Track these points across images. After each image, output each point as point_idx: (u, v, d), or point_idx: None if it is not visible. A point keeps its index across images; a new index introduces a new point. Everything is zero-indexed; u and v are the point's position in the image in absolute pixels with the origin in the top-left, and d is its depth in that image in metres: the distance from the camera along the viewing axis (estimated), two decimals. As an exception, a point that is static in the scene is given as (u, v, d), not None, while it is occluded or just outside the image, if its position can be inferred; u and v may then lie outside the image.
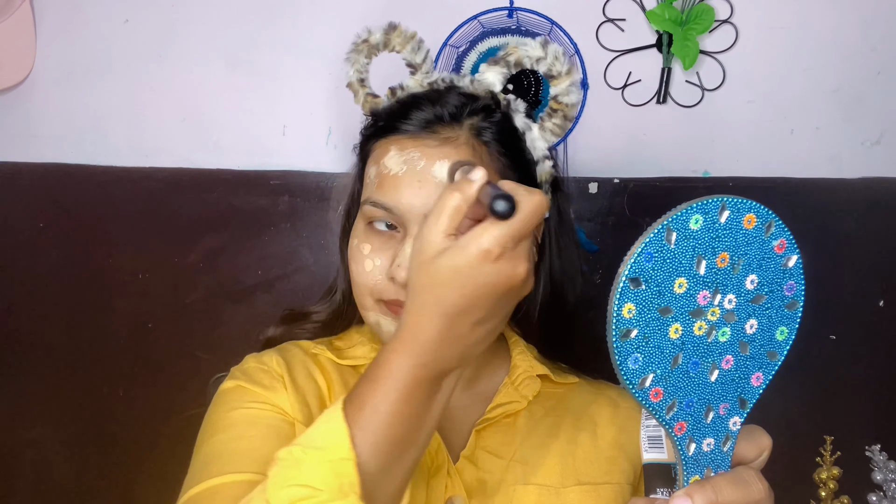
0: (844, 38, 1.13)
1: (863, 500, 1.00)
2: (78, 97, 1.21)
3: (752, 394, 0.56)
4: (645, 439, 0.59)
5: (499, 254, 0.52)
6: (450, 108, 0.74)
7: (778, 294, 0.54)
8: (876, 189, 1.14)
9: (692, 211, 0.50)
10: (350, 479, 0.53)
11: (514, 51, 0.75)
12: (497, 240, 0.52)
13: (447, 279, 0.53)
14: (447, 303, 0.54)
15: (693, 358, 0.53)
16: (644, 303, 0.50)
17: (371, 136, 0.79)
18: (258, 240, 1.20)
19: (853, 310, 1.13)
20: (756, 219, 0.52)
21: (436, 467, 0.73)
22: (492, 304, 0.54)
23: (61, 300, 1.23)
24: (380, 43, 0.81)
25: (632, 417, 0.83)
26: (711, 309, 0.52)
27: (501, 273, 0.53)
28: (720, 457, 0.56)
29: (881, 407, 1.16)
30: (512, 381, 0.81)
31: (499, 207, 0.51)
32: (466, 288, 0.53)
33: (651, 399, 0.52)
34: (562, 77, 0.74)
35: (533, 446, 0.78)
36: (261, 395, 0.73)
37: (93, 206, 1.21)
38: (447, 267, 0.53)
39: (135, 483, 1.20)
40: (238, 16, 1.18)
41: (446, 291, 0.53)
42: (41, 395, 1.23)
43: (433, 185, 0.71)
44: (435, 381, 0.56)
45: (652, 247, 0.49)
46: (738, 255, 0.52)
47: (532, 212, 0.52)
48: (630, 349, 0.50)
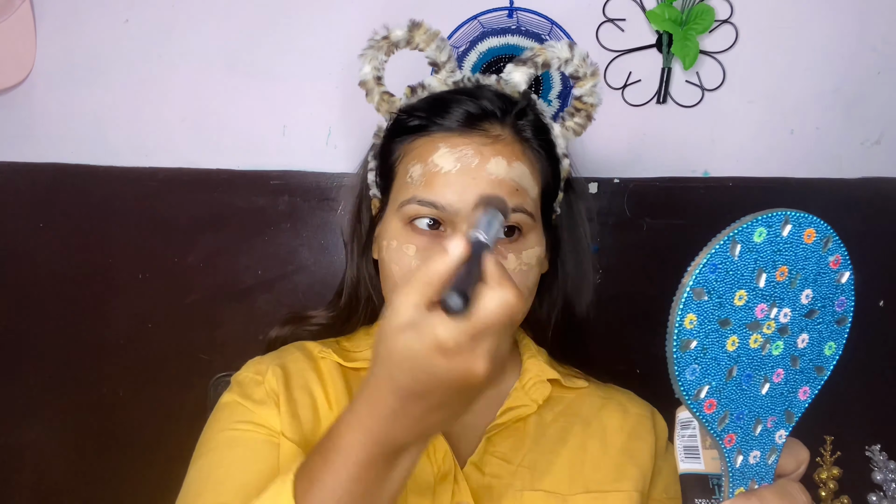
0: (844, 38, 1.13)
1: (863, 500, 1.00)
2: (78, 97, 1.21)
3: (798, 407, 0.56)
4: (681, 449, 0.58)
5: (453, 349, 0.46)
6: (492, 106, 0.75)
7: (829, 309, 0.54)
8: (876, 189, 1.14)
9: (757, 224, 0.49)
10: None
11: (541, 52, 0.76)
12: (451, 334, 0.46)
13: (401, 360, 0.48)
14: (400, 384, 0.49)
15: (747, 370, 0.53)
16: (705, 314, 0.50)
17: (403, 133, 0.77)
18: (258, 240, 1.20)
19: (853, 310, 1.13)
20: (815, 234, 0.52)
21: (442, 473, 0.73)
22: (447, 396, 0.49)
23: (61, 300, 1.23)
24: (401, 40, 0.79)
25: (641, 424, 0.82)
26: (768, 322, 0.52)
27: (453, 371, 0.47)
28: (765, 469, 0.56)
29: (881, 407, 1.16)
30: (522, 385, 0.80)
31: (449, 303, 0.45)
32: (419, 374, 0.48)
33: (705, 411, 0.52)
34: (587, 78, 0.77)
35: (542, 451, 0.77)
36: (250, 412, 0.73)
37: (93, 206, 1.21)
38: (403, 348, 0.48)
39: (135, 483, 1.20)
40: (238, 16, 1.18)
41: (399, 372, 0.49)
42: (41, 395, 1.23)
43: (487, 182, 0.71)
44: (389, 458, 0.53)
45: (717, 258, 0.49)
46: (796, 270, 0.52)
47: (495, 311, 0.46)
48: (689, 360, 0.50)
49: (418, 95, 0.79)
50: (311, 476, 0.54)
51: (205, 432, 0.75)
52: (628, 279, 1.17)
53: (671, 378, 0.50)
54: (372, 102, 0.81)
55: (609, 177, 1.16)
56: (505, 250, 0.73)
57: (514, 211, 0.73)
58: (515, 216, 0.73)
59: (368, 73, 0.80)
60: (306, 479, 0.54)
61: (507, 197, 0.72)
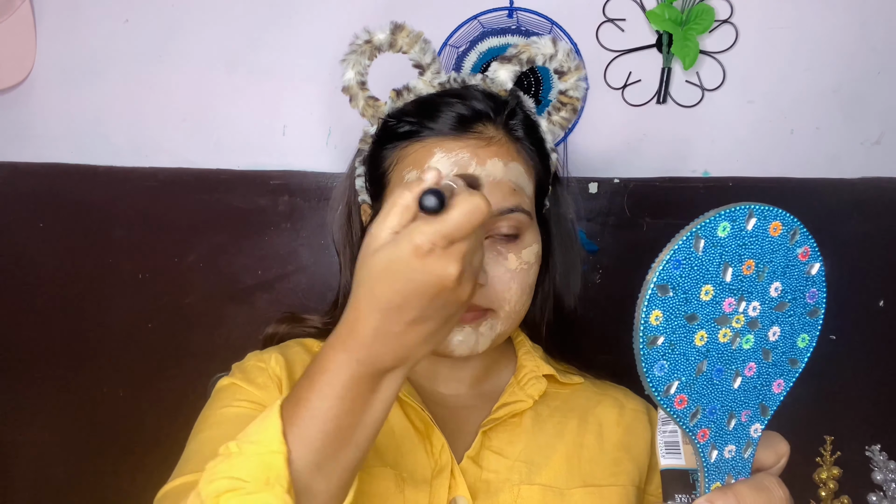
0: (844, 38, 1.13)
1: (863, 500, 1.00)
2: (78, 97, 1.21)
3: (773, 401, 0.56)
4: (662, 445, 0.58)
5: (428, 250, 0.50)
6: (483, 107, 0.75)
7: (801, 301, 0.54)
8: (876, 189, 1.14)
9: (720, 218, 0.49)
10: (278, 471, 0.53)
11: (525, 48, 0.76)
12: (426, 235, 0.50)
13: (380, 273, 0.51)
14: (380, 298, 0.52)
15: (717, 365, 0.53)
16: (671, 310, 0.50)
17: (395, 139, 0.77)
18: (258, 240, 1.20)
19: (853, 310, 1.13)
20: (782, 226, 0.52)
21: (439, 468, 0.73)
22: (424, 303, 0.52)
23: (61, 300, 1.23)
24: (384, 43, 0.78)
25: (637, 419, 0.83)
26: (736, 316, 0.52)
27: (428, 271, 0.50)
28: (741, 463, 0.56)
29: (881, 407, 1.16)
30: (518, 381, 0.81)
31: (424, 202, 0.49)
32: (397, 283, 0.51)
33: (676, 406, 0.52)
34: (571, 72, 0.78)
35: (538, 446, 0.78)
36: (252, 393, 0.73)
37: (93, 206, 1.21)
38: (382, 260, 0.51)
39: (135, 483, 1.20)
40: (238, 16, 1.18)
41: (379, 286, 0.52)
42: (41, 395, 1.23)
43: (485, 184, 0.70)
44: (372, 379, 0.55)
45: (680, 254, 0.49)
46: (763, 263, 0.52)
47: (467, 211, 0.50)
48: (656, 356, 0.50)
49: (404, 98, 0.79)
50: (297, 399, 0.55)
51: (204, 411, 0.75)
52: (628, 279, 1.16)
53: (640, 374, 0.50)
54: (356, 108, 0.80)
55: (609, 177, 1.16)
56: (505, 251, 0.74)
57: (513, 211, 0.73)
58: (515, 217, 0.73)
59: (352, 78, 0.79)
60: (293, 402, 0.56)
61: (506, 198, 0.72)
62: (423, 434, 0.75)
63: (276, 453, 0.53)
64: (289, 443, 0.54)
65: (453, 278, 0.51)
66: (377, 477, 0.71)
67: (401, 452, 0.74)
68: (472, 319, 0.73)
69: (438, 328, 0.54)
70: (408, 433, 0.75)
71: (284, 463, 0.53)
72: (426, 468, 0.73)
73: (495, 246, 0.74)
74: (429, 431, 0.75)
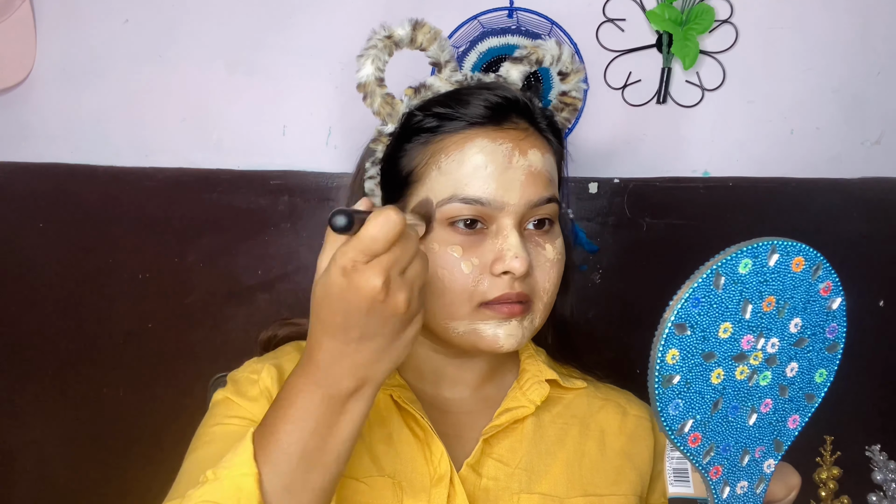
0: (844, 38, 1.13)
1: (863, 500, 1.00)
2: (78, 97, 1.21)
3: (788, 436, 0.55)
4: (671, 472, 0.58)
5: (352, 268, 0.53)
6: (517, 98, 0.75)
7: (820, 337, 0.53)
8: (876, 189, 1.14)
9: (742, 255, 0.48)
10: (248, 492, 0.56)
11: (535, 50, 0.77)
12: (345, 254, 0.53)
13: (322, 299, 0.55)
14: (326, 322, 0.56)
15: (733, 402, 0.51)
16: (688, 349, 0.48)
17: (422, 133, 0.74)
18: (258, 240, 1.20)
19: (853, 310, 1.13)
20: (804, 262, 0.50)
21: (438, 476, 0.72)
22: (362, 319, 0.54)
23: (61, 300, 1.22)
24: (404, 39, 0.75)
25: (640, 426, 0.82)
26: (754, 353, 0.51)
27: (354, 287, 0.53)
28: (753, 499, 0.55)
29: (881, 407, 1.16)
30: (520, 386, 0.80)
31: (333, 222, 0.51)
32: (334, 304, 0.54)
33: (689, 444, 0.51)
34: (573, 74, 0.79)
35: (539, 454, 0.77)
36: (243, 409, 0.74)
37: (92, 206, 1.21)
38: (321, 287, 0.55)
39: (135, 483, 1.20)
40: (238, 16, 1.18)
41: (323, 311, 0.55)
42: (41, 395, 1.23)
43: (527, 174, 0.71)
44: (334, 402, 0.57)
45: (699, 292, 0.47)
46: (784, 299, 0.50)
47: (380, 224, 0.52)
48: (671, 395, 0.49)
49: (421, 96, 0.76)
50: (266, 424, 0.59)
51: (200, 427, 0.75)
52: (628, 279, 1.17)
53: (653, 413, 0.49)
54: (372, 106, 0.75)
55: (609, 177, 1.16)
56: (542, 241, 0.73)
57: (549, 202, 0.73)
58: (552, 206, 0.73)
59: (370, 73, 0.74)
60: (263, 427, 0.59)
61: (544, 188, 0.72)
62: (423, 441, 0.74)
63: (246, 476, 0.56)
64: (259, 465, 0.57)
65: (377, 289, 0.53)
66: (374, 486, 0.71)
67: (400, 460, 0.73)
68: (520, 312, 0.71)
69: (388, 344, 0.57)
70: (407, 441, 0.74)
71: (255, 484, 0.56)
72: (425, 476, 0.72)
73: (533, 237, 0.73)
74: (428, 439, 0.73)
